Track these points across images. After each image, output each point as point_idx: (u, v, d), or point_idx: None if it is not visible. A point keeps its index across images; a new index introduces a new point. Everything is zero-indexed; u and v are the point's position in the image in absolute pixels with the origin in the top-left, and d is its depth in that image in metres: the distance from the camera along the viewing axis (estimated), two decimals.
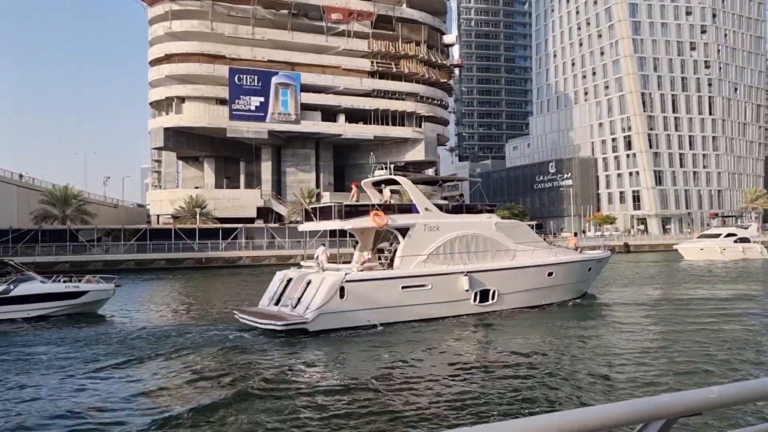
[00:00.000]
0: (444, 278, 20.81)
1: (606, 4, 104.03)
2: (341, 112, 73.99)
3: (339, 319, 18.79)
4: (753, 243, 56.13)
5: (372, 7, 74.12)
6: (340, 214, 21.03)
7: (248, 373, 13.76)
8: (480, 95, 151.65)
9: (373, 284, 19.78)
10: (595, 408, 1.89)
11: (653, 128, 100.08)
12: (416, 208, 22.24)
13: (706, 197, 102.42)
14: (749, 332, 18.16)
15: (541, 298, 23.49)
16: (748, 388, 2.13)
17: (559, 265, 24.18)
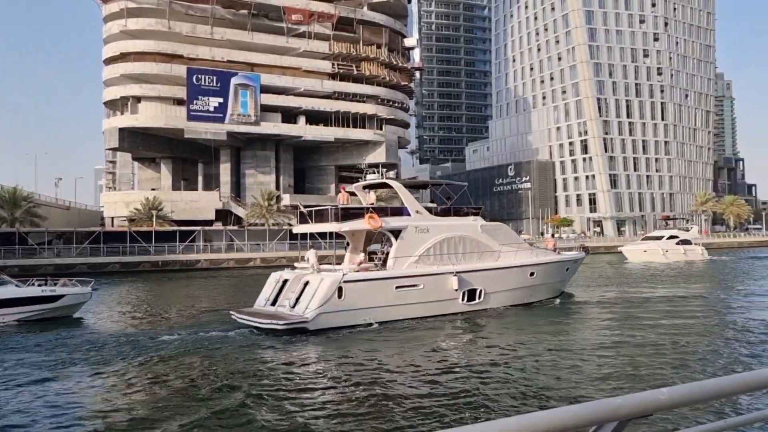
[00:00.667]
0: (435, 278, 21.68)
1: (563, 10, 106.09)
2: (302, 114, 73.54)
3: (337, 318, 19.44)
4: (694, 245, 57.89)
5: (333, 8, 73.88)
6: (337, 216, 21.62)
7: (253, 372, 14.16)
8: (440, 98, 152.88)
9: (370, 284, 20.44)
10: (548, 412, 1.88)
11: (608, 133, 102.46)
12: (407, 210, 22.94)
13: (658, 200, 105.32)
14: (704, 330, 19.05)
15: (523, 297, 24.61)
16: (698, 389, 2.14)
17: (540, 265, 25.38)
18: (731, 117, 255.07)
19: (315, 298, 19.32)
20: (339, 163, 79.44)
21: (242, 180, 74.11)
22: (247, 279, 45.04)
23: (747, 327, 19.36)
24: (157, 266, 52.43)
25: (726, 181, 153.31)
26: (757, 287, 32.74)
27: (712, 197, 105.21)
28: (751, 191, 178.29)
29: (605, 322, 21.30)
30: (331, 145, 76.71)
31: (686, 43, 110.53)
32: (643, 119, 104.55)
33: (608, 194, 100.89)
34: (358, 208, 22.55)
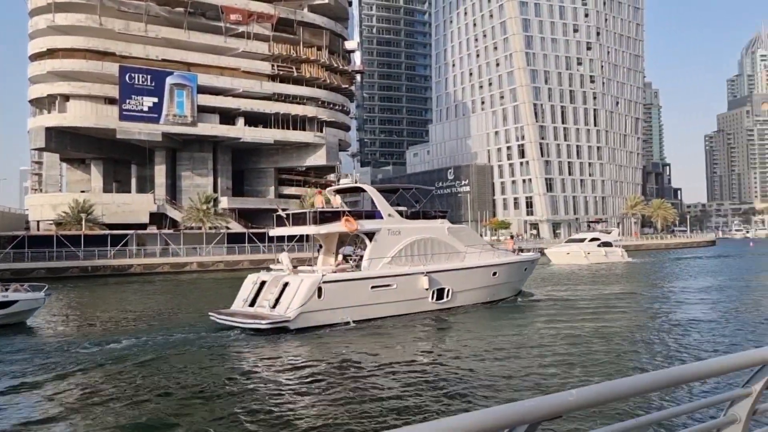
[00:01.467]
0: (407, 278, 22.76)
1: (501, 18, 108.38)
2: (240, 115, 72.17)
3: (317, 317, 20.20)
4: (615, 247, 59.83)
5: (273, 9, 72.87)
6: (315, 219, 22.40)
7: (241, 371, 14.71)
8: (381, 102, 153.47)
9: (347, 285, 21.37)
10: (459, 417, 1.87)
11: (544, 138, 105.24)
12: (380, 214, 23.80)
13: (591, 203, 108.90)
14: (628, 329, 19.87)
15: (487, 295, 26.00)
16: (606, 389, 2.13)
17: (502, 265, 26.89)
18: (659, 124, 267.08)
19: (296, 298, 19.98)
20: (279, 165, 78.44)
21: (178, 182, 72.07)
22: (185, 284, 43.83)
23: (660, 326, 20.36)
24: (86, 271, 50.34)
25: (654, 185, 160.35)
26: (667, 288, 34.26)
27: (642, 201, 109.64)
28: (676, 195, 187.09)
29: (562, 317, 22.44)
30: (270, 147, 75.59)
31: (617, 53, 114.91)
32: (577, 125, 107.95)
33: (544, 198, 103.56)
34: (335, 212, 23.17)
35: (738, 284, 35.66)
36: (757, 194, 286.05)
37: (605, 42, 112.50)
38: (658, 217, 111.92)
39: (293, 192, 76.99)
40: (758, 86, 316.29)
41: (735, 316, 22.46)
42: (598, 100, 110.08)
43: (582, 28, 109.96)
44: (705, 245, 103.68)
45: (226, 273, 53.92)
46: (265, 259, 60.81)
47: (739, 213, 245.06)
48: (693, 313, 23.38)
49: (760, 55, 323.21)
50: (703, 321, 21.24)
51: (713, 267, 52.86)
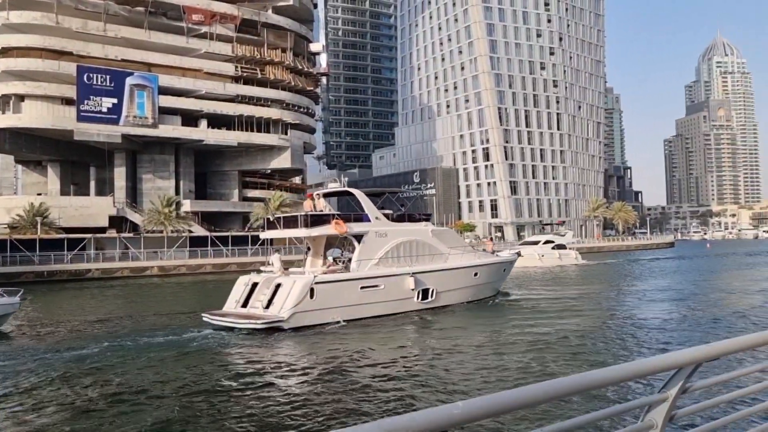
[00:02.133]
0: (394, 279, 23.63)
1: (465, 22, 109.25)
2: (203, 117, 71.10)
3: (309, 317, 20.91)
4: (568, 250, 60.37)
5: (236, 10, 72.06)
6: (306, 222, 23.12)
7: (238, 369, 15.19)
8: (347, 104, 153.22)
9: (338, 285, 22.17)
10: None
11: (509, 141, 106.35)
12: (368, 217, 24.69)
13: (555, 206, 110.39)
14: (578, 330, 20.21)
15: (469, 295, 26.98)
16: (494, 401, 2.02)
17: (483, 266, 27.90)
18: (620, 128, 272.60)
19: (289, 299, 20.71)
20: (243, 167, 77.56)
21: (139, 185, 70.62)
22: (149, 288, 42.85)
23: (598, 329, 20.55)
24: (42, 276, 48.83)
25: (616, 188, 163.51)
26: (617, 290, 34.76)
27: (604, 203, 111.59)
28: (637, 198, 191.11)
29: (538, 318, 23.20)
30: (234, 149, 74.65)
31: (579, 58, 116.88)
32: (540, 128, 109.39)
33: (508, 200, 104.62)
34: (325, 215, 24.18)
35: (687, 286, 36.05)
36: (714, 197, 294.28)
37: (568, 47, 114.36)
38: (619, 220, 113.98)
39: (258, 195, 76.11)
40: (714, 92, 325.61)
41: (677, 318, 22.86)
42: (561, 105, 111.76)
43: (545, 34, 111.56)
44: (664, 247, 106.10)
45: (189, 277, 53.03)
46: (228, 263, 60.13)
47: (698, 215, 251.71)
48: (637, 315, 23.72)
49: (717, 62, 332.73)
50: (639, 324, 21.37)
51: (667, 268, 53.95)
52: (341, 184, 27.55)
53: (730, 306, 26.30)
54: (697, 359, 2.56)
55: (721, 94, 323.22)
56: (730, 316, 22.79)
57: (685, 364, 2.55)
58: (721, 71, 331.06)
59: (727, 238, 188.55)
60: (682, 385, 2.58)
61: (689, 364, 2.56)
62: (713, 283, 39.00)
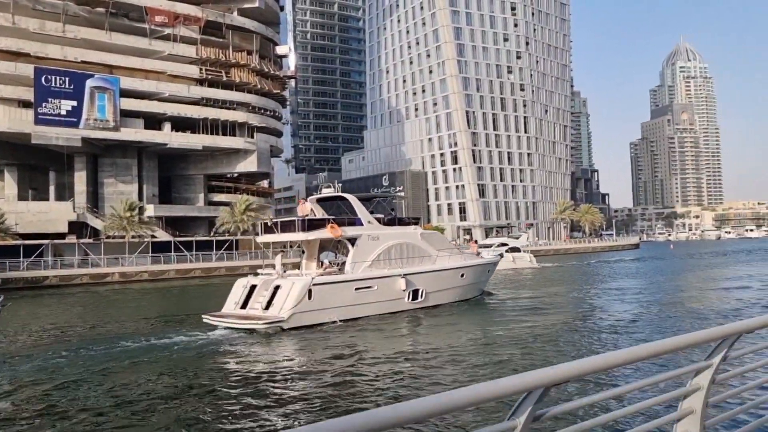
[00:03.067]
0: (386, 280, 24.63)
1: (433, 26, 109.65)
2: (167, 120, 69.82)
3: (308, 317, 21.74)
4: (523, 253, 60.42)
5: (200, 12, 71.05)
6: (303, 226, 24.18)
7: (238, 370, 15.70)
8: (316, 108, 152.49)
9: (334, 287, 23.08)
10: None
11: (477, 144, 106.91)
12: (360, 221, 25.67)
13: (523, 209, 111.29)
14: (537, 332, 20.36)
15: (456, 295, 28.05)
16: (428, 403, 1.98)
17: (469, 267, 28.95)
18: (587, 131, 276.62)
19: (289, 300, 21.55)
20: (208, 171, 76.43)
21: (101, 189, 69.01)
22: (113, 295, 41.76)
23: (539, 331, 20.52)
24: None
25: (583, 190, 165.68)
26: (563, 292, 34.87)
27: (570, 206, 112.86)
28: (604, 200, 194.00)
29: (521, 317, 23.80)
30: (199, 153, 73.50)
31: (545, 62, 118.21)
32: (508, 132, 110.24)
33: (477, 203, 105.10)
34: (321, 219, 25.06)
35: (641, 287, 36.10)
36: (678, 199, 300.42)
37: (534, 51, 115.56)
38: (585, 222, 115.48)
39: (224, 199, 75.01)
40: (678, 96, 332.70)
41: (627, 318, 23.02)
42: (528, 108, 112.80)
43: (512, 38, 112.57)
44: (629, 248, 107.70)
45: (151, 283, 51.93)
46: (192, 269, 59.07)
47: (663, 217, 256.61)
48: (580, 318, 23.66)
49: (680, 67, 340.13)
50: (582, 328, 21.26)
51: (626, 270, 54.27)
52: (335, 189, 28.03)
53: (680, 305, 26.78)
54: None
55: (685, 98, 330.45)
56: (681, 315, 23.28)
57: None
58: (684, 76, 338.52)
59: (691, 239, 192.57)
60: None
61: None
62: (672, 283, 39.50)
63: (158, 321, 25.99)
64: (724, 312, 23.56)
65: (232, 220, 67.30)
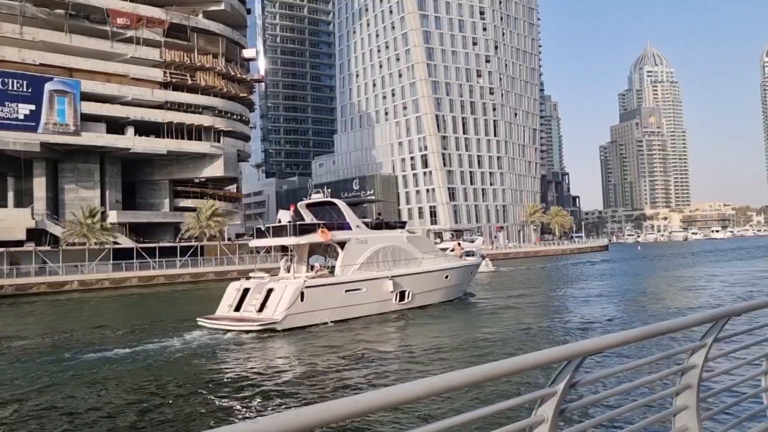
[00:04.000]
0: (375, 282, 25.60)
1: (402, 29, 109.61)
2: (130, 125, 68.46)
3: (300, 318, 22.57)
4: (477, 256, 59.81)
5: (164, 14, 69.87)
6: (295, 231, 25.05)
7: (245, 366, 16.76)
8: (286, 112, 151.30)
9: (325, 289, 23.96)
10: None
11: (447, 148, 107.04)
12: (349, 225, 26.79)
13: (493, 212, 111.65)
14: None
15: (440, 296, 29.06)
16: (292, 417, 1.78)
17: (453, 269, 30.05)
18: (558, 135, 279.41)
19: (282, 302, 22.37)
20: (174, 176, 75.07)
21: (61, 196, 67.24)
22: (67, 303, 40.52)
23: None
24: None
25: (554, 193, 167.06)
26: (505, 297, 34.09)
27: (540, 209, 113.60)
28: (575, 203, 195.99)
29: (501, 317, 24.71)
30: (164, 157, 72.16)
31: (514, 66, 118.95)
32: (477, 135, 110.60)
33: (447, 207, 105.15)
34: (312, 224, 26.28)
35: (588, 291, 35.77)
36: (647, 201, 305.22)
37: (503, 55, 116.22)
38: (555, 224, 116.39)
39: (190, 204, 73.63)
40: (646, 100, 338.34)
41: (560, 321, 23.42)
42: (497, 112, 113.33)
43: (481, 42, 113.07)
44: (598, 250, 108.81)
45: (112, 291, 50.71)
46: (155, 276, 57.80)
47: (632, 219, 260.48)
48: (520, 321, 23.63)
49: (647, 71, 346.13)
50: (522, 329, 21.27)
51: (587, 272, 54.44)
52: (324, 195, 29.05)
53: (635, 305, 27.47)
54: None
55: (652, 102, 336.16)
56: (629, 315, 24.08)
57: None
58: (651, 80, 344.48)
59: (659, 241, 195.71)
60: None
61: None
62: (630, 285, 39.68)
63: (125, 328, 25.42)
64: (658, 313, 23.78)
65: (198, 226, 66.16)
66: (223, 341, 20.39)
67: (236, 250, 65.27)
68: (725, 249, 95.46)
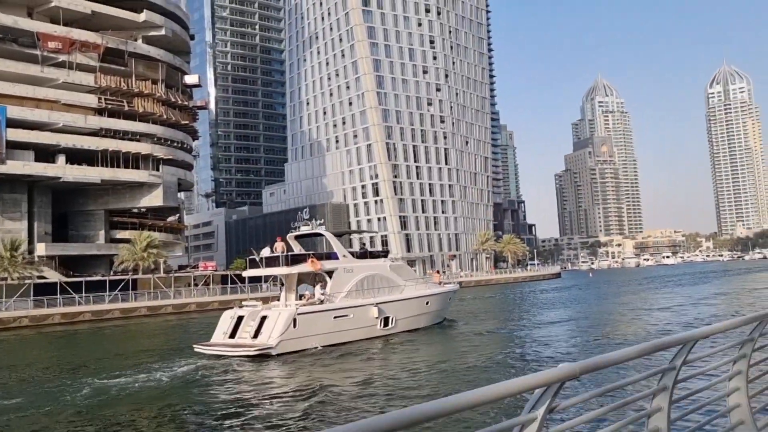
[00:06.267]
0: (361, 309, 26.89)
1: (353, 57, 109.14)
2: (61, 153, 65.26)
3: (293, 344, 23.73)
4: None
5: (99, 38, 67.44)
6: (287, 261, 26.67)
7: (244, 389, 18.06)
8: (238, 140, 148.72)
9: (316, 316, 25.22)
10: None
11: (398, 176, 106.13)
12: (336, 255, 28.35)
13: (445, 240, 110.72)
14: None
15: (422, 322, 30.36)
16: None
17: (433, 295, 31.41)
18: (514, 164, 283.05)
19: (276, 328, 23.57)
20: (109, 206, 71.84)
21: None
22: None
23: None
24: None
25: (510, 221, 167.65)
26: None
27: (492, 237, 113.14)
28: (531, 230, 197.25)
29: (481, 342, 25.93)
30: (98, 187, 68.99)
31: (465, 94, 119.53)
32: (429, 163, 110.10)
33: (399, 235, 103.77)
34: (303, 255, 27.80)
35: (541, 318, 35.88)
36: (601, 228, 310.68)
37: (453, 84, 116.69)
38: (508, 252, 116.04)
39: (127, 236, 70.22)
40: (598, 129, 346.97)
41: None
42: (448, 140, 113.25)
43: (431, 70, 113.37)
44: (550, 278, 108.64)
45: (32, 330, 47.14)
46: (81, 312, 54.24)
47: (588, 246, 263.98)
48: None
49: (599, 102, 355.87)
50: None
51: (535, 300, 53.70)
52: (312, 227, 31.00)
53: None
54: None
55: (604, 131, 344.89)
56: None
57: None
58: (602, 110, 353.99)
59: (612, 267, 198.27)
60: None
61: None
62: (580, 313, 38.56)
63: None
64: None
65: (132, 258, 63.00)
66: (217, 366, 21.66)
67: (172, 283, 62.18)
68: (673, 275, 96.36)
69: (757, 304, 38.67)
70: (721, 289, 56.97)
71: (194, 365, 21.75)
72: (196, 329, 38.47)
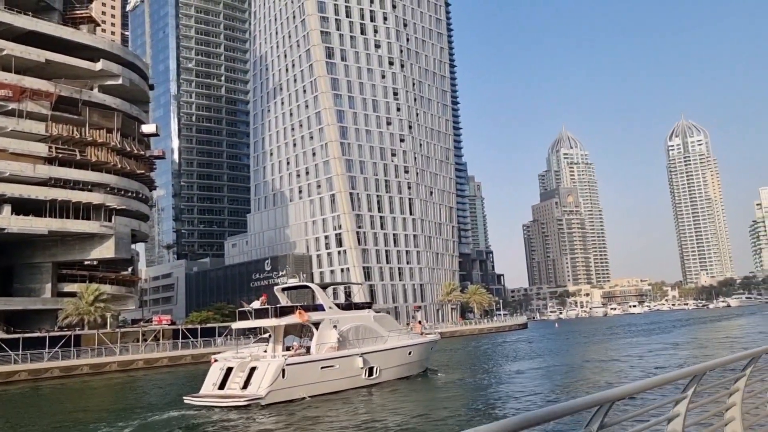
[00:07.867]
0: (347, 359, 27.49)
1: (316, 108, 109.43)
2: (6, 203, 62.85)
3: (282, 394, 24.31)
4: None
5: (52, 87, 66.12)
6: (276, 313, 27.52)
7: None
8: (201, 191, 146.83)
9: (304, 366, 25.77)
10: None
11: (362, 226, 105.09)
12: (323, 306, 29.37)
13: (410, 291, 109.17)
14: None
15: (405, 371, 31.01)
16: None
17: (415, 345, 32.10)
18: (482, 214, 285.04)
19: (265, 379, 24.14)
20: (58, 259, 69.07)
21: None
22: None
23: None
24: None
25: (479, 271, 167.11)
26: None
27: (458, 288, 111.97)
28: (499, 280, 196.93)
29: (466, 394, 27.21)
30: (46, 238, 66.42)
31: (429, 145, 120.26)
32: (393, 213, 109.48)
33: (363, 287, 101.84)
34: (290, 306, 28.61)
35: (521, 366, 36.76)
36: (570, 278, 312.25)
37: (417, 135, 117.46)
38: (474, 303, 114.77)
39: (76, 289, 67.23)
40: (564, 180, 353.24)
41: None
42: (412, 190, 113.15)
43: (395, 121, 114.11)
44: (517, 328, 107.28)
45: None
46: (17, 371, 50.98)
47: (556, 295, 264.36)
48: None
49: (564, 153, 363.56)
50: None
51: (481, 354, 53.20)
52: (299, 279, 32.91)
53: None
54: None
55: (569, 182, 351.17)
56: None
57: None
58: (567, 162, 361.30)
59: (580, 316, 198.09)
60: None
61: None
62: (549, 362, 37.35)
63: None
64: None
65: (77, 313, 60.15)
66: (210, 416, 22.15)
67: (118, 338, 59.24)
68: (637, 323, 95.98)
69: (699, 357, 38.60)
70: (680, 339, 56.71)
71: None
72: (148, 387, 37.85)
